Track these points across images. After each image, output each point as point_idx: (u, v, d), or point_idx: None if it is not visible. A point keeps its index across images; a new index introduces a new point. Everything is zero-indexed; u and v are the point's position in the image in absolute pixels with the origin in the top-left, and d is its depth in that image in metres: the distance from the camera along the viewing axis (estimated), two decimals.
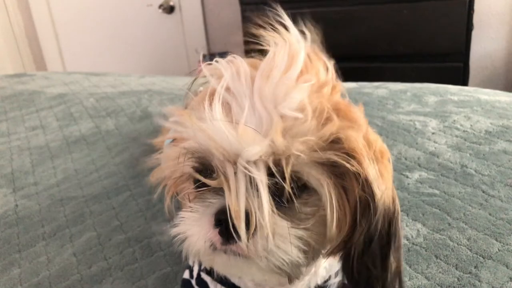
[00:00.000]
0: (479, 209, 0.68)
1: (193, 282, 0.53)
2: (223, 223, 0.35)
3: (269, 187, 0.35)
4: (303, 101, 0.36)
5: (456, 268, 0.59)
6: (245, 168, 0.34)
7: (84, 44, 2.70)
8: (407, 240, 0.65)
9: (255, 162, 0.34)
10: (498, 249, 0.60)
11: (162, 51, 2.58)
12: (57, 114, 1.30)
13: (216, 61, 0.40)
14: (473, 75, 1.93)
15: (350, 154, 0.37)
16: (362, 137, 0.38)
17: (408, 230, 0.66)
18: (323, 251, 0.41)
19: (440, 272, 0.58)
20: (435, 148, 0.86)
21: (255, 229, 0.35)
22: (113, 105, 1.31)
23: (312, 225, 0.38)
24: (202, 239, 0.37)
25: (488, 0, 1.87)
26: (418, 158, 0.84)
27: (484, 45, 1.95)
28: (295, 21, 0.42)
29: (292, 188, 0.36)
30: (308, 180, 0.37)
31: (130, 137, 1.09)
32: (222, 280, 0.49)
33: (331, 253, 0.42)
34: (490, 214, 0.67)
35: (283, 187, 0.36)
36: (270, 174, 0.35)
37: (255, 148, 0.34)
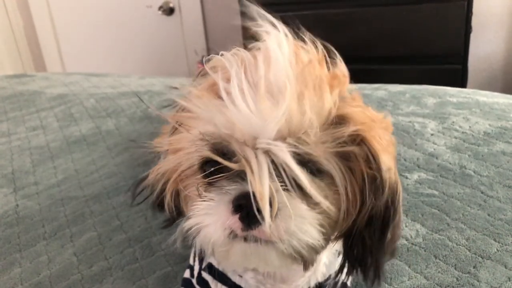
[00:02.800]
0: (478, 210, 0.69)
1: (194, 281, 0.53)
2: (243, 208, 0.35)
3: (284, 170, 0.36)
4: (303, 78, 0.38)
5: (455, 268, 0.59)
6: (268, 144, 0.35)
7: (83, 45, 2.71)
8: (406, 240, 0.65)
9: (274, 141, 0.35)
10: (497, 249, 0.61)
11: (161, 53, 2.58)
12: (58, 114, 1.31)
13: (222, 54, 0.41)
14: (472, 77, 1.93)
15: (357, 129, 0.38)
16: (365, 110, 0.40)
17: (407, 230, 0.67)
18: (332, 237, 0.42)
19: (439, 272, 0.59)
20: (434, 149, 0.87)
21: (276, 212, 0.35)
22: (113, 105, 1.32)
23: (324, 209, 0.38)
24: (221, 228, 0.36)
25: (487, 3, 1.88)
26: (417, 159, 0.85)
27: (482, 47, 1.95)
28: (295, 23, 0.43)
29: (305, 171, 0.37)
30: (321, 163, 0.37)
31: (130, 137, 1.10)
32: (222, 279, 0.49)
33: (339, 237, 0.42)
34: (488, 215, 0.67)
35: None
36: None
37: (274, 123, 0.35)
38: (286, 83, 0.36)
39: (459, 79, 1.75)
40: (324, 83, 0.39)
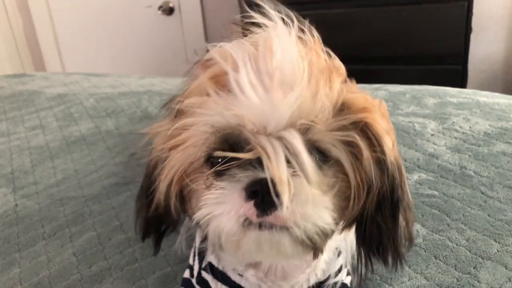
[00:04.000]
0: (478, 210, 0.69)
1: (194, 281, 0.53)
2: (258, 194, 0.35)
3: (297, 156, 0.36)
4: (310, 65, 0.39)
5: (455, 269, 0.59)
6: (279, 131, 0.35)
7: (83, 45, 2.70)
8: None
9: (286, 129, 0.36)
10: (497, 250, 0.61)
11: (161, 53, 2.58)
12: (57, 114, 1.30)
13: (224, 45, 0.41)
14: (472, 78, 1.93)
15: (359, 115, 0.39)
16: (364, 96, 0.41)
17: None
18: (342, 222, 0.42)
19: (439, 272, 0.59)
20: (434, 149, 0.87)
21: (292, 197, 0.35)
22: (113, 105, 1.31)
23: (333, 196, 0.39)
24: (235, 216, 0.36)
25: (487, 3, 1.88)
26: (418, 159, 0.84)
27: (482, 48, 1.95)
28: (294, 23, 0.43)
29: (315, 159, 0.38)
30: (329, 149, 0.38)
31: (130, 137, 1.10)
32: (223, 278, 0.49)
33: (351, 223, 0.43)
34: (489, 215, 0.67)
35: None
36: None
37: (286, 110, 0.35)
38: (296, 71, 0.37)
39: (459, 79, 1.75)
40: (330, 70, 0.40)
